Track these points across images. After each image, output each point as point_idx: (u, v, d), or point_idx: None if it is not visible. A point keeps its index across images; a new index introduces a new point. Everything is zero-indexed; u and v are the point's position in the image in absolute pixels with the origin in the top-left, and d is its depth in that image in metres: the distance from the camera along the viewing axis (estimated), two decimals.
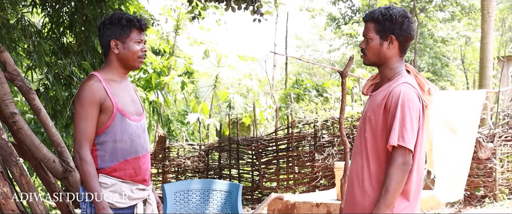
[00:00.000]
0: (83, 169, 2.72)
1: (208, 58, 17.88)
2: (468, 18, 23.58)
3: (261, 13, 8.15)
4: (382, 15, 2.63)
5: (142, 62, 2.93)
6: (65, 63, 6.67)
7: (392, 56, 2.68)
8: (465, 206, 8.20)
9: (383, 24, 2.63)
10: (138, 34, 2.87)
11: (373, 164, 2.63)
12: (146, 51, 2.94)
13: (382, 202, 2.50)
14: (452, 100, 6.84)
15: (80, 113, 2.73)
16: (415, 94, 2.58)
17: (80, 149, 2.71)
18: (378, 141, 2.61)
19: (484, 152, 8.06)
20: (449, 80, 22.00)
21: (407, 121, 2.51)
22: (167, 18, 16.73)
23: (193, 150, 11.33)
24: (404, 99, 2.53)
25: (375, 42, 2.66)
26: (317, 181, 9.56)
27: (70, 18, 7.21)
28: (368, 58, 2.71)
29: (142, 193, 2.91)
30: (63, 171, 4.37)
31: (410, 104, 2.53)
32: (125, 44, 2.84)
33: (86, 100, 2.72)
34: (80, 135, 2.73)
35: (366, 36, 2.68)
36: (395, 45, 2.66)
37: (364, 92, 2.88)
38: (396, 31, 2.63)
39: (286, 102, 14.24)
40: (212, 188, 4.72)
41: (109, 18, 2.87)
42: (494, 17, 11.01)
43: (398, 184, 2.50)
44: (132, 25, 2.84)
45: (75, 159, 2.77)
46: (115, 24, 2.83)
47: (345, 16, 26.86)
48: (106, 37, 2.85)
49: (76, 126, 2.74)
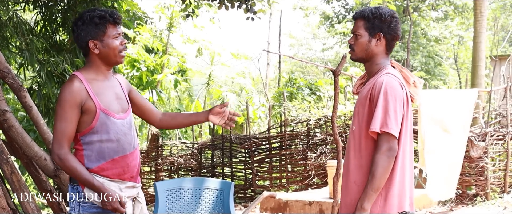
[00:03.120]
0: (68, 167, 2.70)
1: (202, 57, 17.85)
2: (461, 17, 23.65)
3: (254, 11, 8.14)
4: (372, 13, 2.77)
5: (123, 57, 2.87)
6: (57, 61, 6.65)
7: (379, 53, 2.80)
8: (457, 205, 8.23)
9: (372, 22, 2.77)
10: (114, 29, 2.80)
11: (361, 155, 2.72)
12: (126, 43, 2.88)
13: (369, 187, 2.60)
14: (445, 99, 6.87)
15: (60, 114, 2.69)
16: (398, 83, 2.68)
17: (60, 150, 2.68)
18: (363, 131, 2.72)
19: (476, 151, 8.09)
20: (442, 79, 22.07)
21: (390, 108, 2.60)
22: (160, 16, 16.69)
23: (186, 148, 11.31)
24: (386, 88, 2.64)
25: (363, 39, 2.79)
26: (309, 179, 9.57)
27: (62, 15, 7.19)
28: (356, 53, 2.83)
29: (131, 191, 2.89)
30: (55, 169, 4.36)
31: (392, 92, 2.63)
32: (103, 42, 2.78)
33: (66, 102, 2.68)
34: (59, 135, 2.69)
35: (355, 33, 2.81)
36: (382, 43, 2.79)
37: (354, 92, 3.02)
38: (384, 29, 2.78)
39: (279, 100, 14.25)
40: (204, 186, 4.72)
41: (81, 18, 2.79)
42: (486, 16, 11.06)
43: (384, 170, 2.59)
44: (106, 21, 2.77)
45: (54, 160, 2.75)
46: (89, 24, 2.76)
47: (339, 15, 26.89)
48: (82, 39, 2.79)
49: (55, 127, 2.71)
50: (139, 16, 15.12)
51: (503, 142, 8.52)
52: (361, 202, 2.61)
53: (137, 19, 15.29)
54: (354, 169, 2.74)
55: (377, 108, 2.62)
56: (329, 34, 27.88)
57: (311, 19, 32.03)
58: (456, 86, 17.76)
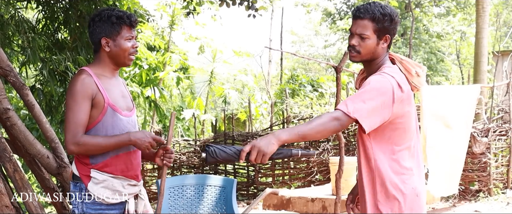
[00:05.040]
0: (92, 146, 2.68)
1: (203, 54, 17.86)
2: (463, 13, 23.62)
3: (256, 8, 8.13)
4: (382, 15, 2.59)
5: (132, 60, 2.89)
6: (59, 59, 6.65)
7: (383, 53, 2.67)
8: (459, 201, 8.23)
9: (382, 24, 2.59)
10: (129, 31, 2.82)
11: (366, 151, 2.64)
12: (137, 47, 2.90)
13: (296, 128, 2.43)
14: (447, 95, 6.86)
15: (73, 107, 2.68)
16: (389, 82, 2.52)
17: (75, 138, 2.65)
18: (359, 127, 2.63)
19: (479, 147, 8.09)
20: (444, 75, 22.06)
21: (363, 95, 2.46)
22: (162, 14, 16.69)
23: (188, 145, 11.31)
24: (371, 80, 2.52)
25: (372, 41, 2.61)
26: (312, 176, 9.58)
27: (64, 13, 7.19)
28: (361, 56, 2.65)
29: (133, 188, 2.89)
30: (57, 166, 4.37)
31: (376, 85, 2.49)
32: (116, 41, 2.80)
33: (78, 92, 2.68)
34: (72, 125, 2.67)
35: (361, 35, 2.61)
36: (386, 44, 2.66)
37: (357, 87, 2.89)
38: (391, 31, 2.63)
39: (281, 97, 14.25)
40: (206, 183, 4.73)
41: (99, 14, 2.82)
42: (488, 12, 11.03)
43: (321, 126, 2.42)
44: (122, 22, 2.80)
45: (71, 151, 2.69)
46: (105, 21, 2.79)
47: (341, 11, 26.88)
48: (96, 35, 2.81)
49: (68, 119, 2.68)
50: (140, 14, 15.10)
51: (506, 137, 8.51)
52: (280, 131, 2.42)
53: (139, 17, 15.27)
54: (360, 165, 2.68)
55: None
56: (331, 30, 27.88)
57: (313, 16, 32.08)
58: (459, 82, 17.75)
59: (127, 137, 2.72)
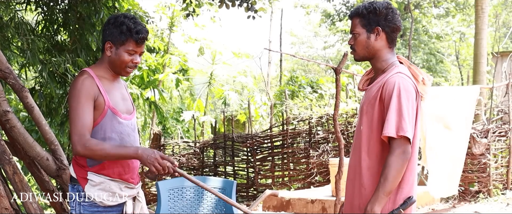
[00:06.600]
0: (98, 152, 2.63)
1: (203, 56, 17.87)
2: (462, 14, 23.63)
3: (255, 10, 8.14)
4: (366, 9, 2.68)
5: (129, 73, 2.86)
6: (59, 61, 6.64)
7: (381, 48, 2.70)
8: (459, 202, 8.23)
9: (367, 18, 2.67)
10: (134, 45, 2.78)
11: (370, 157, 2.63)
12: (138, 63, 2.85)
13: (381, 190, 2.49)
14: (446, 96, 6.87)
15: (77, 108, 2.66)
16: (410, 84, 2.58)
17: (82, 141, 2.61)
18: (374, 133, 2.61)
19: (478, 148, 8.09)
20: (443, 76, 22.05)
21: (404, 111, 2.50)
22: (161, 15, 16.71)
23: (188, 147, 11.31)
24: (400, 89, 2.53)
25: (362, 36, 2.69)
26: (312, 177, 9.58)
27: (64, 15, 7.18)
28: (358, 53, 2.73)
29: (131, 191, 2.88)
30: (57, 169, 4.37)
31: (406, 94, 2.53)
32: (118, 50, 2.78)
33: (81, 93, 2.67)
34: (78, 127, 2.63)
35: (353, 32, 2.72)
36: (382, 37, 2.68)
37: (360, 88, 2.88)
38: (381, 22, 2.67)
39: (281, 99, 14.24)
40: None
41: (115, 18, 2.80)
42: (488, 13, 11.04)
43: (398, 173, 2.49)
44: (129, 35, 2.76)
45: (77, 153, 2.65)
46: (116, 27, 2.77)
47: (340, 12, 26.87)
48: (105, 37, 2.81)
49: (74, 120, 2.65)
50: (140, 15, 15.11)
51: (505, 138, 8.52)
52: (371, 205, 2.50)
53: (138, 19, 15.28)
54: (364, 170, 2.64)
55: (390, 110, 2.51)
56: (330, 32, 27.90)
57: (312, 17, 32.05)
58: (458, 83, 17.77)
59: (135, 150, 2.67)
